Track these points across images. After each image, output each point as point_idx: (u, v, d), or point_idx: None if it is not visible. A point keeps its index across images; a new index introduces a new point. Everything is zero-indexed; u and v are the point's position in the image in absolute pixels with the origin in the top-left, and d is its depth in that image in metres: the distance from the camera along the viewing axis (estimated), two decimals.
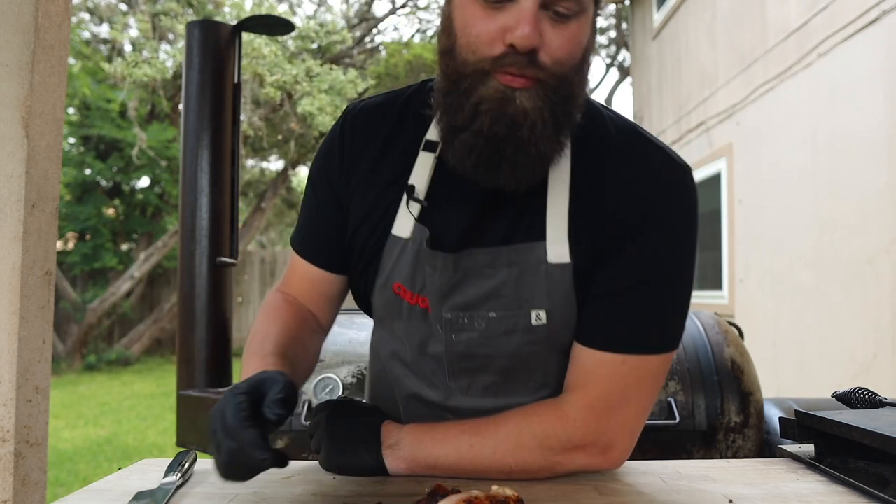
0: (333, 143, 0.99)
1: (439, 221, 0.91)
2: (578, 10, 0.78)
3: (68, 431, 5.83)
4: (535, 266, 0.87)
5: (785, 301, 4.71)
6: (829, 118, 4.16)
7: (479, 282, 0.89)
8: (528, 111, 0.78)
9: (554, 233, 0.87)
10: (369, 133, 0.97)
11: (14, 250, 0.69)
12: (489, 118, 0.79)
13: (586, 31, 0.81)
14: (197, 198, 2.60)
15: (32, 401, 0.73)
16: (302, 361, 0.96)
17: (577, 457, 0.88)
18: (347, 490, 0.85)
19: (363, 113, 0.99)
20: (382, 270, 0.95)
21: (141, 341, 10.75)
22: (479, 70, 0.78)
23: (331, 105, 9.00)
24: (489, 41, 0.77)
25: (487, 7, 0.77)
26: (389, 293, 0.95)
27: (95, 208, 10.59)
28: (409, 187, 0.92)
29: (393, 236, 0.93)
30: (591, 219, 0.88)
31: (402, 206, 0.93)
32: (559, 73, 0.79)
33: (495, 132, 0.79)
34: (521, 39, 0.74)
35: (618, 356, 0.87)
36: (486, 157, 0.81)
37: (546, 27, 0.77)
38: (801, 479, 0.91)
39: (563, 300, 0.88)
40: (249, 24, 2.82)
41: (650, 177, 0.88)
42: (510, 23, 0.76)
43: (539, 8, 0.76)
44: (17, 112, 0.69)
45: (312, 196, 1.01)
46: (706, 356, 1.81)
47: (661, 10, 7.61)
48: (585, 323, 0.89)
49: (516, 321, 0.89)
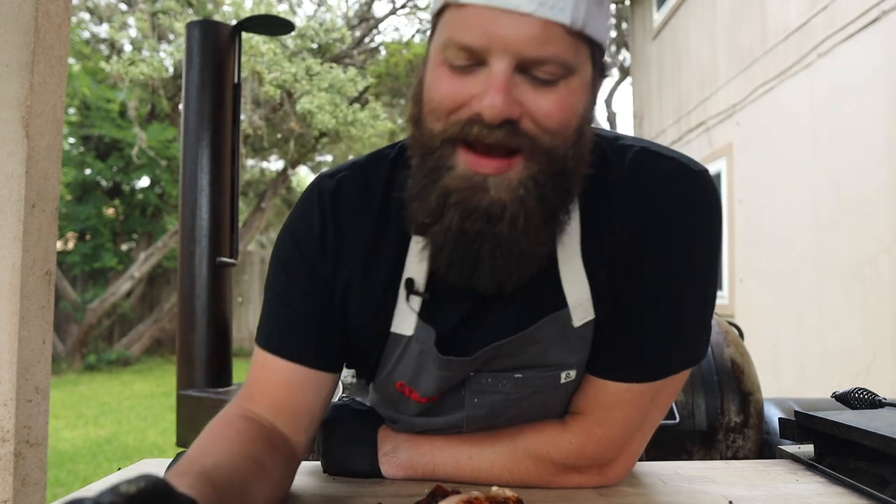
0: (311, 226, 0.84)
1: (444, 314, 0.81)
2: (564, 73, 0.67)
3: (68, 431, 5.82)
4: (561, 332, 0.80)
5: (785, 301, 4.71)
6: (829, 118, 4.16)
7: (502, 362, 0.82)
8: (506, 203, 0.67)
9: (574, 297, 0.79)
10: (353, 216, 0.84)
11: (14, 250, 0.69)
12: (458, 213, 0.68)
13: (581, 96, 0.69)
14: (197, 198, 2.60)
15: (32, 401, 0.73)
16: (259, 489, 0.72)
17: (573, 477, 0.86)
18: (347, 490, 0.85)
19: (343, 193, 0.84)
20: (382, 368, 0.86)
21: (141, 341, 10.74)
22: (446, 140, 0.68)
23: (330, 104, 8.99)
24: (454, 107, 0.67)
25: (456, 71, 0.67)
26: (392, 389, 0.87)
27: (95, 208, 10.59)
28: (408, 281, 0.80)
29: (393, 334, 0.83)
30: (609, 264, 0.80)
31: (400, 302, 0.81)
32: (550, 144, 0.67)
33: (466, 229, 0.68)
34: (489, 109, 0.64)
35: (621, 385, 0.82)
36: (460, 256, 0.70)
37: (526, 93, 0.66)
38: (800, 480, 0.91)
39: (589, 349, 0.82)
40: (249, 24, 2.82)
41: (655, 197, 0.79)
42: (479, 89, 0.66)
43: (515, 72, 0.65)
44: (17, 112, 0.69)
45: (288, 283, 0.84)
46: (706, 356, 1.81)
47: (661, 10, 7.61)
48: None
49: (545, 381, 0.82)
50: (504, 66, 0.65)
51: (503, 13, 0.64)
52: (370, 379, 0.90)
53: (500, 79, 0.64)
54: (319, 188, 0.85)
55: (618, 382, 0.82)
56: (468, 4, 0.65)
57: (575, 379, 0.83)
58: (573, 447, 0.84)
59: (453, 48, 0.67)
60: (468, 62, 0.67)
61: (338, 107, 9.04)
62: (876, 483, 0.85)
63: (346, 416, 0.94)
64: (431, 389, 0.83)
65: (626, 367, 0.81)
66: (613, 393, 0.82)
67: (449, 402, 0.86)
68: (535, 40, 0.64)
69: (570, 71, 0.67)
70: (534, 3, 0.64)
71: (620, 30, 12.49)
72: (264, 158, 13.05)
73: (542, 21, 0.64)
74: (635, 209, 0.79)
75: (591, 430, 0.83)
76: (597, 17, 0.68)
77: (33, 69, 0.72)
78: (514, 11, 0.64)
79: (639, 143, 0.84)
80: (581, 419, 0.85)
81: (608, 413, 0.83)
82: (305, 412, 0.84)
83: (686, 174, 0.80)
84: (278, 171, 12.25)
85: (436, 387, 0.83)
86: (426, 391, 0.83)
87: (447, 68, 0.68)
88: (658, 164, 0.80)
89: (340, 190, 0.84)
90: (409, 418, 0.89)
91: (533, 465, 0.85)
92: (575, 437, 0.84)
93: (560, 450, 0.84)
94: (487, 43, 0.65)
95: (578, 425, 0.84)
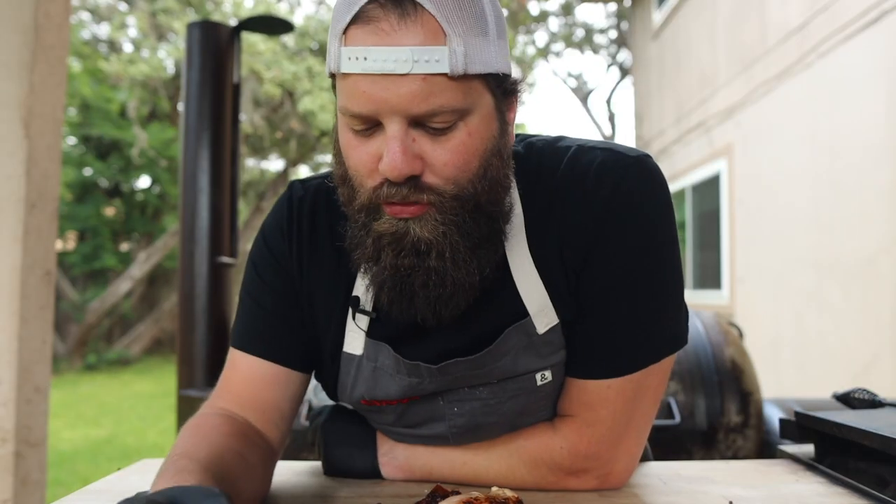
0: (281, 228, 0.88)
1: (399, 330, 0.82)
2: (458, 117, 0.69)
3: (68, 431, 5.82)
4: (526, 341, 0.81)
5: (785, 301, 4.71)
6: (829, 118, 4.16)
7: (472, 377, 0.83)
8: (431, 240, 0.71)
9: (534, 306, 0.81)
10: (319, 227, 0.87)
11: (14, 250, 0.69)
12: (391, 252, 0.72)
13: (483, 130, 0.71)
14: (197, 198, 2.60)
15: (32, 401, 0.73)
16: (244, 483, 0.74)
17: (570, 481, 0.85)
18: (347, 491, 0.86)
19: (312, 203, 0.88)
20: (343, 387, 0.87)
21: (141, 341, 10.75)
22: (368, 206, 0.72)
23: (331, 103, 8.99)
24: (367, 172, 0.71)
25: (360, 135, 0.70)
26: (359, 406, 0.88)
27: (95, 208, 10.59)
28: (354, 299, 0.83)
29: (345, 354, 0.85)
30: (563, 267, 0.81)
31: (349, 321, 0.84)
32: (454, 193, 0.70)
33: (399, 265, 0.72)
34: (390, 171, 0.67)
35: (601, 382, 0.81)
36: (398, 291, 0.73)
37: (425, 145, 0.69)
38: (800, 481, 0.91)
39: (564, 351, 0.83)
40: (249, 25, 2.82)
41: (593, 191, 0.79)
42: (382, 150, 0.68)
43: (410, 127, 0.68)
44: (17, 112, 0.69)
45: (259, 283, 0.88)
46: (706, 356, 1.81)
47: (661, 10, 7.61)
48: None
49: (521, 385, 0.83)
50: (396, 127, 0.67)
51: (382, 77, 0.66)
52: (333, 397, 0.91)
53: (394, 141, 0.67)
54: (291, 193, 0.89)
55: (597, 381, 0.82)
56: (350, 74, 0.67)
57: (552, 379, 0.83)
58: (565, 451, 0.83)
59: (348, 116, 0.70)
60: (366, 126, 0.69)
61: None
62: (876, 483, 0.85)
63: (346, 417, 0.94)
64: (394, 394, 0.84)
65: (601, 364, 0.81)
66: (595, 392, 0.82)
67: (426, 413, 0.86)
68: (417, 97, 0.66)
69: (464, 113, 0.69)
70: (408, 63, 0.65)
71: (620, 30, 12.49)
72: (264, 158, 13.05)
73: (421, 77, 0.66)
74: (576, 207, 0.80)
75: (581, 431, 0.83)
76: (481, 49, 0.68)
77: (33, 69, 0.72)
78: (391, 74, 0.65)
79: (576, 142, 0.85)
80: (570, 421, 0.84)
81: (594, 413, 0.83)
82: (274, 407, 0.86)
83: (621, 162, 0.80)
84: (278, 172, 12.25)
85: (400, 391, 0.83)
86: (388, 396, 0.84)
87: (351, 133, 0.71)
88: (592, 159, 0.81)
89: (309, 199, 0.88)
90: (390, 428, 0.90)
91: (528, 472, 0.85)
92: (566, 441, 0.84)
93: (553, 454, 0.84)
94: (374, 109, 0.67)
95: (568, 428, 0.84)
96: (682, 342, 0.84)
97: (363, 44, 0.66)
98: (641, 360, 0.81)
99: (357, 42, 0.67)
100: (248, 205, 12.75)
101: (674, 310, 0.83)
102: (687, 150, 6.71)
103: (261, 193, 12.21)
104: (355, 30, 0.67)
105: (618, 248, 0.79)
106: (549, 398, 0.86)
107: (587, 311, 0.81)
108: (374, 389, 0.84)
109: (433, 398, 0.85)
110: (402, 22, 0.65)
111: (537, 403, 0.85)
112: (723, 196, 5.82)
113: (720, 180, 5.88)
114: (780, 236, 4.78)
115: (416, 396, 0.84)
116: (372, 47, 0.66)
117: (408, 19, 0.65)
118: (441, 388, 0.83)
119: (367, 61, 0.66)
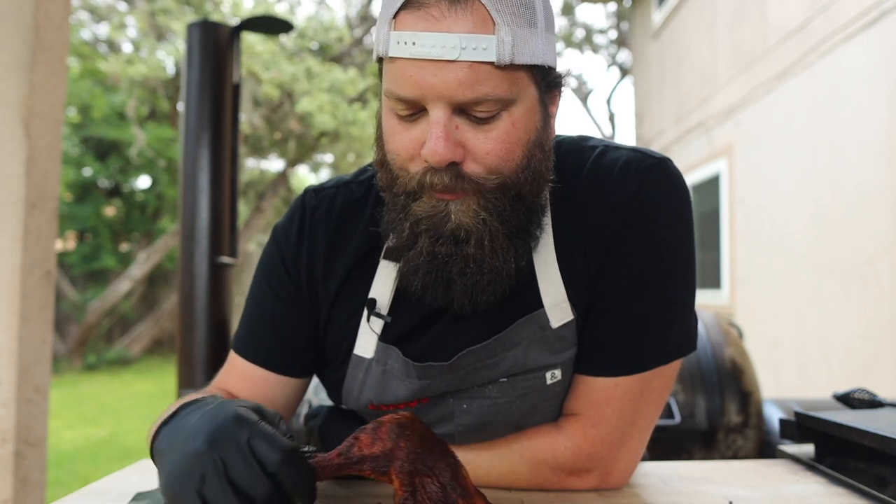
0: (291, 239, 0.88)
1: (411, 335, 0.83)
2: (502, 107, 0.69)
3: (68, 431, 5.82)
4: (539, 334, 0.81)
5: (785, 301, 4.71)
6: (829, 118, 4.16)
7: (483, 372, 0.82)
8: (470, 226, 0.71)
9: (550, 299, 0.81)
10: (333, 237, 0.87)
11: (14, 250, 0.69)
12: (428, 238, 0.72)
13: (526, 122, 0.72)
14: (197, 198, 2.60)
15: (32, 401, 0.73)
16: None
17: (571, 481, 0.85)
18: (347, 491, 0.86)
19: (325, 213, 0.88)
20: (349, 391, 0.87)
21: (141, 341, 10.75)
22: (408, 190, 0.72)
23: (330, 104, 8.99)
24: (408, 157, 0.71)
25: (403, 120, 0.71)
26: (366, 410, 0.88)
27: (95, 208, 10.59)
28: (370, 301, 0.83)
29: (355, 356, 0.85)
30: (584, 263, 0.82)
31: (363, 323, 0.84)
32: (497, 183, 0.71)
33: (437, 252, 0.72)
34: (431, 155, 0.67)
35: (609, 380, 0.82)
36: (434, 277, 0.74)
37: (468, 132, 0.69)
38: (800, 481, 0.91)
39: (575, 349, 0.83)
40: (249, 25, 2.82)
41: (616, 191, 0.80)
42: (423, 136, 0.69)
43: (454, 114, 0.68)
44: (17, 112, 0.69)
45: (265, 288, 0.88)
46: (706, 356, 1.81)
47: (661, 10, 7.61)
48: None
49: (531, 383, 0.83)
50: (440, 113, 0.68)
51: (429, 63, 0.66)
52: (338, 401, 0.91)
53: (437, 126, 0.68)
54: (304, 202, 0.90)
55: (606, 378, 0.82)
56: (397, 58, 0.68)
57: (562, 380, 0.83)
58: (569, 450, 0.83)
59: (393, 100, 0.70)
60: (411, 111, 0.70)
61: (338, 107, 9.04)
62: (876, 483, 0.85)
63: (343, 419, 0.95)
64: (403, 397, 0.84)
65: (611, 360, 0.82)
66: (602, 389, 0.82)
67: (434, 415, 0.86)
68: (463, 85, 0.66)
69: (508, 103, 0.69)
70: (456, 49, 0.66)
71: (620, 30, 12.50)
72: (264, 158, 13.05)
73: (468, 64, 0.66)
74: (599, 207, 0.81)
75: (586, 430, 0.83)
76: (529, 40, 0.69)
77: (33, 69, 0.72)
78: (439, 60, 0.66)
79: (602, 142, 0.86)
80: (574, 420, 0.84)
81: (600, 411, 0.83)
82: (270, 405, 0.87)
83: (643, 163, 0.81)
84: (278, 172, 12.25)
85: (410, 394, 0.83)
86: (397, 399, 0.84)
87: (396, 118, 0.72)
88: (617, 158, 0.82)
89: (323, 208, 0.88)
90: None
91: (530, 472, 0.85)
92: (570, 440, 0.83)
93: (557, 454, 0.84)
94: (420, 94, 0.68)
95: (572, 427, 0.84)
96: (692, 347, 0.85)
97: (413, 29, 0.67)
98: (651, 360, 0.82)
99: (407, 27, 0.67)
100: (248, 205, 12.75)
101: (686, 313, 0.84)
102: (687, 149, 6.71)
103: (260, 193, 12.21)
104: (405, 15, 0.68)
105: (638, 246, 0.80)
106: (556, 399, 0.86)
107: (602, 308, 0.82)
108: (383, 393, 0.84)
109: (443, 397, 0.85)
110: (452, 9, 0.66)
111: (545, 404, 0.85)
112: (723, 196, 5.82)
113: (720, 180, 5.88)
114: (780, 236, 4.78)
115: (424, 399, 0.84)
116: (421, 32, 0.66)
117: (458, 6, 0.66)
118: (451, 388, 0.83)
119: (415, 46, 0.67)
